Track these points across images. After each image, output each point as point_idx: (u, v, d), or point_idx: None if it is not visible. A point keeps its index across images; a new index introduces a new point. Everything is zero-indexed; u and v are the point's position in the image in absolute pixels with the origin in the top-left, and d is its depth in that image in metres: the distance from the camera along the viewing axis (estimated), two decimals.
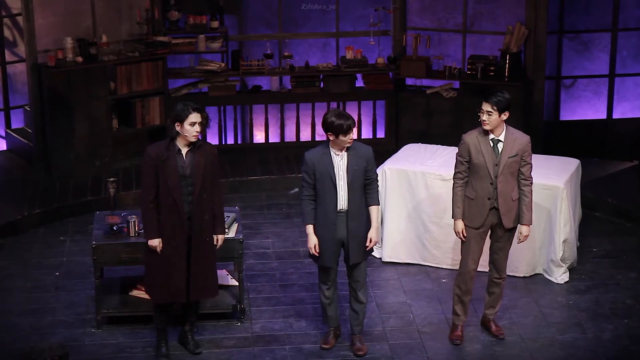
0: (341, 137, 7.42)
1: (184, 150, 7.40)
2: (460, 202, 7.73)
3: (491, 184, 7.64)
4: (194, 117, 7.31)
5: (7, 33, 11.36)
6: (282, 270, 9.15)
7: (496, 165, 7.63)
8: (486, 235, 7.80)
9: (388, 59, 11.53)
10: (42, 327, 8.11)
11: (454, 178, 7.78)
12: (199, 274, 7.56)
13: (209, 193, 7.46)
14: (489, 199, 7.66)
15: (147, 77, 11.15)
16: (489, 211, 7.69)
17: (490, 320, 8.07)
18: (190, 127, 7.32)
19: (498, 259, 7.86)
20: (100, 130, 10.92)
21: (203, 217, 7.47)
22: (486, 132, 7.62)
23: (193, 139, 7.35)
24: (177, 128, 7.35)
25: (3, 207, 10.06)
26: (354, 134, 7.52)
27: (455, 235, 7.87)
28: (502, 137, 7.63)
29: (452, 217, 7.79)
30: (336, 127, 7.40)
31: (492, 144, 7.63)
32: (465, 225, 7.73)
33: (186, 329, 7.84)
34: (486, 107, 7.58)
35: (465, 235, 7.74)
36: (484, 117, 7.58)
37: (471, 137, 7.67)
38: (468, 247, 7.77)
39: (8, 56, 11.39)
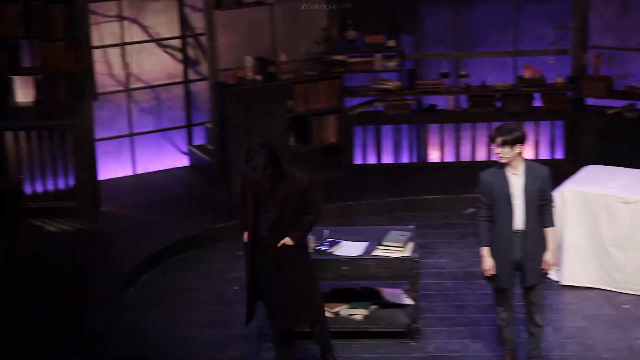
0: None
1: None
2: None
3: None
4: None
5: (190, 52, 11.70)
6: (457, 290, 9.08)
7: None
8: None
9: (567, 78, 11.32)
10: (222, 340, 8.26)
11: None
12: (280, 302, 7.56)
13: (289, 223, 7.39)
14: None
15: (324, 95, 11.29)
16: None
17: None
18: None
19: None
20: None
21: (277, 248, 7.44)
22: None
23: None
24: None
25: (185, 222, 10.34)
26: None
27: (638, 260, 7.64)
28: None
29: None
30: (523, 137, 7.37)
31: None
32: None
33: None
34: None
35: None
36: None
37: None
38: None
39: (191, 75, 11.74)
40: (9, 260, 9.50)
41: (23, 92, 10.47)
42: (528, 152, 11.38)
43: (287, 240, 7.42)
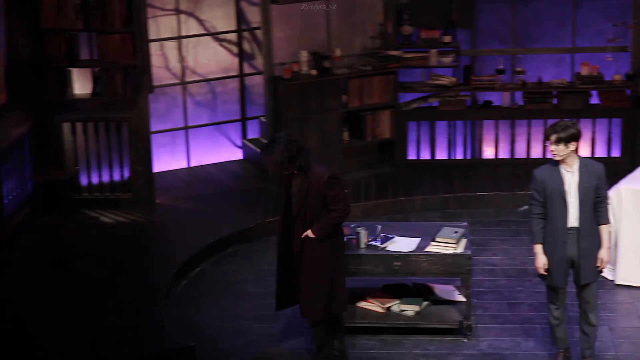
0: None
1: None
2: None
3: None
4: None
5: (246, 46, 11.74)
6: (510, 288, 9.02)
7: None
8: None
9: (626, 75, 11.19)
10: (273, 333, 8.29)
11: None
12: (301, 290, 7.66)
13: (313, 216, 7.46)
14: None
15: (379, 90, 11.27)
16: None
17: None
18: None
19: None
20: (332, 142, 11.11)
21: (301, 239, 7.51)
22: None
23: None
24: None
25: (238, 215, 10.38)
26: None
27: None
28: None
29: None
30: (578, 135, 7.31)
31: None
32: None
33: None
34: None
35: None
36: None
37: None
38: None
39: (246, 68, 11.78)
40: (64, 250, 9.61)
41: (80, 84, 10.57)
42: (584, 149, 11.27)
43: (309, 233, 7.49)
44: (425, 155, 11.59)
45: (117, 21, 10.24)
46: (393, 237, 8.21)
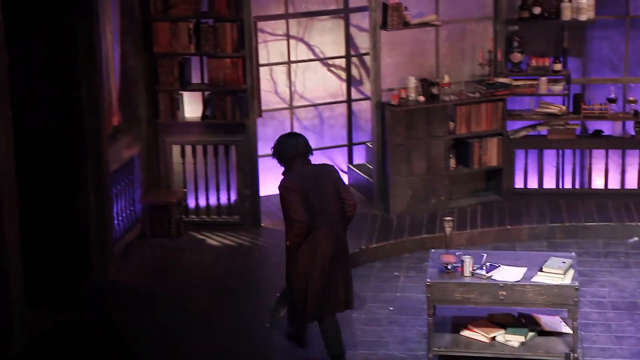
0: None
1: None
2: None
3: None
4: None
5: (354, 71, 11.79)
6: (618, 321, 8.83)
7: None
8: None
9: None
10: (375, 359, 8.27)
11: None
12: None
13: (285, 220, 7.92)
14: None
15: (486, 117, 11.18)
16: None
17: None
18: None
19: None
20: (438, 169, 11.06)
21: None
22: None
23: None
24: None
25: None
26: None
27: None
28: None
29: None
30: None
31: None
32: None
33: None
34: None
35: None
36: None
37: None
38: None
39: (354, 94, 11.82)
40: (171, 272, 9.75)
41: (191, 108, 10.75)
42: None
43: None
44: (533, 184, 11.45)
45: (229, 46, 10.39)
46: (499, 266, 8.13)
